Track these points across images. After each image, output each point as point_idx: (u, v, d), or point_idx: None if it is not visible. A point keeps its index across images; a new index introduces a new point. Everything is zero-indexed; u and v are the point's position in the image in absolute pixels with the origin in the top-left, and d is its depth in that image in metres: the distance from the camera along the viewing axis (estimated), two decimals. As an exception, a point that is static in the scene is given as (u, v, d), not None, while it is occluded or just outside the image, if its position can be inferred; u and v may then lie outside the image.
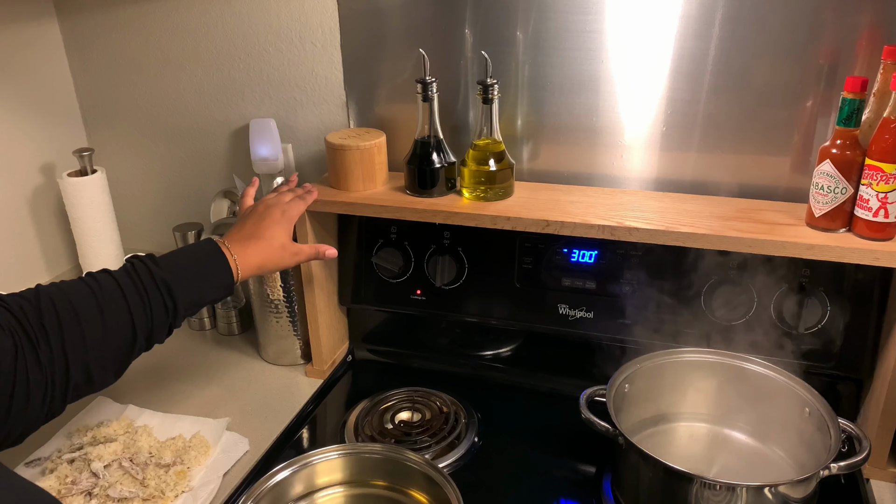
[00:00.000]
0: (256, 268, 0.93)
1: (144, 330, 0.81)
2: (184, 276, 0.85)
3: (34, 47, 1.29)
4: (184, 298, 0.84)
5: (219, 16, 1.21)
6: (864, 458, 0.79)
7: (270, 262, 0.95)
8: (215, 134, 1.31)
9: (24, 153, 1.31)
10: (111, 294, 0.79)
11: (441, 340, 1.21)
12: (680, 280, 0.99)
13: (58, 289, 0.78)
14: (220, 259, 0.89)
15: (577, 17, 1.02)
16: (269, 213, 0.97)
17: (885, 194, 0.85)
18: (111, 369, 0.80)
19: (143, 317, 0.80)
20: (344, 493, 0.90)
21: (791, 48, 0.96)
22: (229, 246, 0.91)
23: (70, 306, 0.76)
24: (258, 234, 0.94)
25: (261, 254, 0.93)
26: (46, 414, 0.75)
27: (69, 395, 0.76)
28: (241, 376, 1.19)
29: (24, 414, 0.72)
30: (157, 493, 0.90)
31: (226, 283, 0.90)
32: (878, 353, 0.95)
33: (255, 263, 0.92)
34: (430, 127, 1.04)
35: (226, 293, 0.91)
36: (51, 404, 0.74)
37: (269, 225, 0.95)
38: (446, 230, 1.10)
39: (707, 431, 0.98)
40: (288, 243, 0.97)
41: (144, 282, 0.81)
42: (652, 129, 1.05)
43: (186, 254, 0.90)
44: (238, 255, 0.90)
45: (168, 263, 0.85)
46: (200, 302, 0.88)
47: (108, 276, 0.81)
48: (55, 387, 0.74)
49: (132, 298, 0.80)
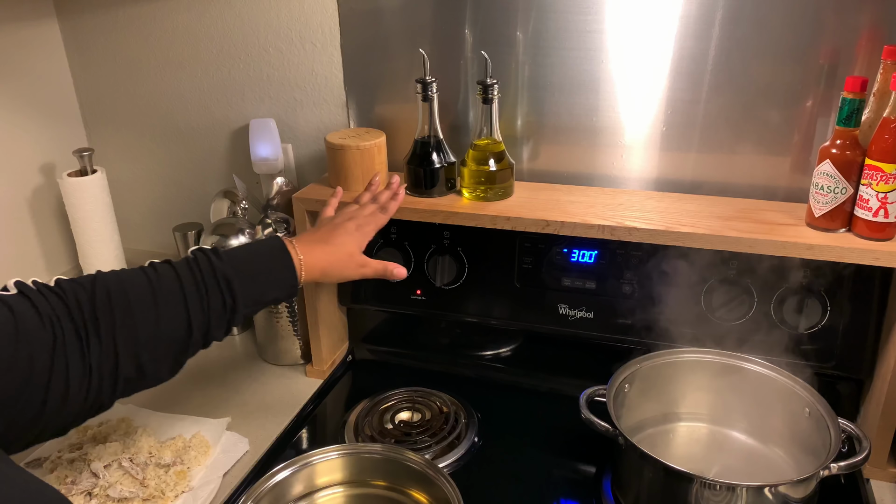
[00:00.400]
0: (321, 271, 0.90)
1: (201, 326, 0.78)
2: (246, 271, 0.82)
3: (34, 47, 1.29)
4: (244, 295, 0.81)
5: (219, 16, 1.21)
6: (864, 458, 0.79)
7: (335, 269, 0.92)
8: (215, 134, 1.31)
9: (24, 153, 1.31)
10: (169, 286, 0.77)
11: (441, 340, 1.21)
12: (680, 280, 0.99)
13: (116, 277, 0.76)
14: (285, 257, 0.86)
15: (577, 17, 1.02)
16: (344, 224, 0.95)
17: (884, 194, 0.84)
18: (165, 364, 0.78)
19: (199, 312, 0.78)
20: (344, 493, 0.90)
21: (791, 48, 0.96)
22: (297, 246, 0.88)
23: (125, 296, 0.74)
24: (328, 240, 0.92)
25: (327, 258, 0.90)
26: (92, 407, 0.73)
27: (119, 388, 0.74)
28: (241, 376, 1.19)
29: (63, 407, 0.69)
30: (157, 493, 0.90)
31: (289, 282, 0.86)
32: (878, 353, 0.95)
33: (320, 266, 0.89)
34: (430, 127, 1.04)
35: (289, 293, 0.88)
36: (97, 397, 0.72)
37: (342, 234, 0.93)
38: (446, 230, 1.10)
39: (707, 431, 0.98)
40: (356, 253, 0.94)
41: (205, 275, 0.79)
42: (652, 129, 1.05)
43: (251, 249, 0.87)
44: (304, 255, 0.87)
45: (231, 257, 0.82)
46: (262, 300, 0.85)
47: (169, 267, 0.79)
48: (102, 379, 0.72)
49: (190, 291, 0.78)
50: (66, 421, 0.72)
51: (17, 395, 0.66)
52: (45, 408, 0.68)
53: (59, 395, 0.69)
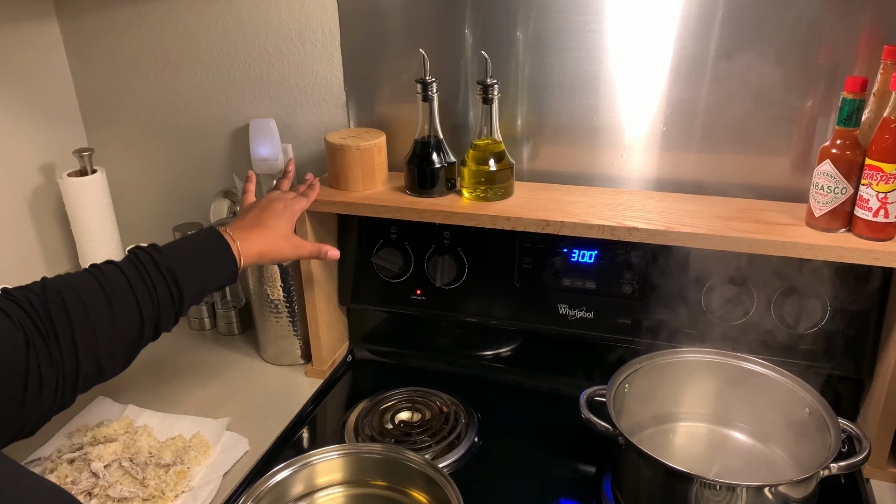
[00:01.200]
0: (258, 255, 0.93)
1: (152, 320, 0.81)
2: (188, 264, 0.85)
3: (34, 47, 1.29)
4: (189, 287, 0.84)
5: (219, 16, 1.21)
6: (864, 458, 0.79)
7: (272, 251, 0.95)
8: (215, 134, 1.31)
9: (24, 153, 1.31)
10: (118, 285, 0.79)
11: (441, 340, 1.21)
12: (680, 280, 0.99)
13: (64, 281, 0.78)
14: (223, 246, 0.89)
15: (577, 17, 1.02)
16: (272, 205, 0.98)
17: (885, 194, 0.84)
18: (120, 360, 0.80)
19: (150, 307, 0.81)
20: (344, 493, 0.90)
21: (791, 48, 0.95)
22: (231, 233, 0.91)
23: (78, 298, 0.77)
24: (260, 223, 0.95)
25: (262, 241, 0.93)
26: (58, 406, 0.75)
27: (79, 386, 0.76)
28: (241, 376, 1.19)
29: (38, 405, 0.72)
30: (157, 493, 0.90)
31: (230, 269, 0.90)
32: (878, 353, 0.95)
33: (256, 250, 0.92)
34: (430, 127, 1.04)
35: (230, 280, 0.91)
36: (62, 397, 0.75)
37: (272, 216, 0.96)
38: (446, 230, 1.10)
39: (707, 431, 0.98)
40: (290, 234, 0.98)
41: (150, 272, 0.82)
42: (652, 129, 1.05)
43: (189, 242, 0.90)
44: (240, 241, 0.91)
45: (171, 252, 0.85)
46: (206, 289, 0.88)
47: (114, 267, 0.81)
48: (65, 379, 0.74)
49: (139, 289, 0.80)
50: (38, 419, 0.74)
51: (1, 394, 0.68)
52: (24, 406, 0.70)
53: (35, 395, 0.71)
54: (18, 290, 0.76)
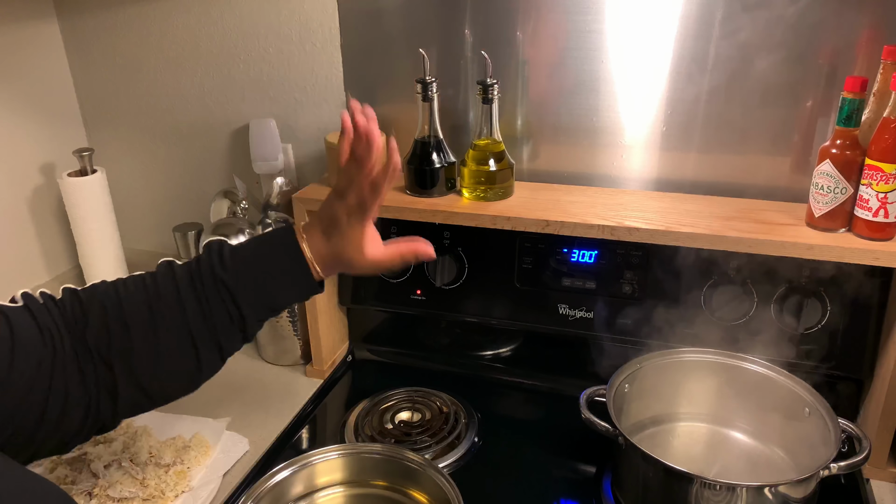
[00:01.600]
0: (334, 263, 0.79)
1: (207, 341, 0.73)
2: (250, 278, 0.74)
3: (34, 47, 1.29)
4: (250, 304, 0.74)
5: (219, 16, 1.21)
6: (864, 458, 0.79)
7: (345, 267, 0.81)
8: (215, 134, 1.31)
9: (24, 153, 1.31)
10: (168, 301, 0.72)
11: (441, 340, 1.21)
12: (680, 280, 0.99)
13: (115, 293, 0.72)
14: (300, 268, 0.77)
15: (577, 17, 1.02)
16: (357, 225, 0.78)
17: (884, 194, 0.84)
18: (173, 384, 0.74)
19: (203, 328, 0.72)
20: (344, 493, 0.90)
21: (791, 48, 0.96)
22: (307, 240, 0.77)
23: (120, 314, 0.71)
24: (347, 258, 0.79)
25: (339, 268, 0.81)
26: (93, 426, 0.71)
27: (120, 408, 0.71)
28: (241, 376, 1.19)
29: (61, 424, 0.68)
30: (157, 493, 0.90)
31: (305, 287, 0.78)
32: (878, 353, 0.95)
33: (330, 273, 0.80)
34: (430, 127, 1.04)
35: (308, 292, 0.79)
36: (96, 416, 0.70)
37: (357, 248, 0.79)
38: (446, 230, 1.10)
39: (707, 431, 0.98)
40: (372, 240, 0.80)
41: (206, 287, 0.72)
42: (652, 129, 1.05)
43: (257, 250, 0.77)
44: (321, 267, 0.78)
45: (235, 261, 0.74)
46: (274, 307, 0.78)
47: (170, 280, 0.73)
48: (101, 399, 0.70)
49: (190, 307, 0.72)
50: (65, 438, 0.70)
51: (14, 410, 0.64)
52: (42, 424, 0.66)
53: (57, 412, 0.67)
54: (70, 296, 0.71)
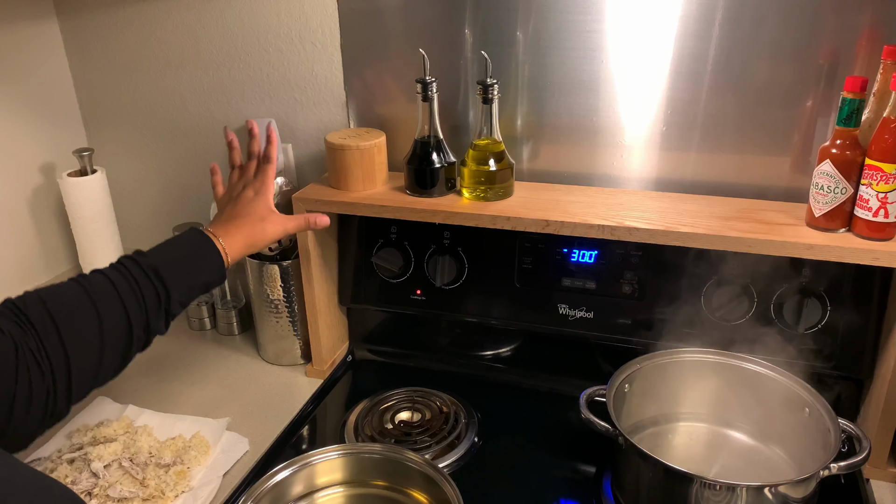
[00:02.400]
0: (244, 246, 0.93)
1: (140, 321, 0.81)
2: (172, 262, 0.85)
3: (34, 47, 1.29)
4: (175, 283, 0.84)
5: (219, 16, 1.21)
6: (864, 458, 0.79)
7: (257, 237, 0.95)
8: (215, 134, 1.31)
9: (24, 153, 1.31)
10: (102, 288, 0.79)
11: (441, 340, 1.21)
12: (680, 280, 0.99)
13: (46, 290, 0.78)
14: (206, 242, 0.89)
15: (577, 17, 1.02)
16: (242, 195, 0.98)
17: (884, 194, 0.85)
18: (112, 365, 0.80)
19: (136, 307, 0.80)
20: (344, 493, 0.90)
21: (791, 48, 0.96)
22: (212, 230, 0.91)
23: (62, 304, 0.76)
24: (236, 215, 0.95)
25: (243, 230, 0.93)
26: (50, 416, 0.74)
27: (73, 393, 0.76)
28: (241, 376, 1.19)
29: (27, 418, 0.71)
30: (157, 493, 0.90)
31: (216, 264, 0.89)
32: (878, 353, 0.95)
33: (240, 243, 0.92)
34: (430, 127, 1.04)
35: (219, 276, 0.90)
36: (53, 406, 0.74)
37: (245, 205, 0.96)
38: (446, 230, 1.10)
39: (707, 431, 0.98)
40: (269, 215, 0.97)
41: (133, 273, 0.81)
42: (652, 129, 1.05)
43: (171, 242, 0.90)
44: (222, 237, 0.91)
45: (155, 253, 0.86)
46: (194, 286, 0.87)
47: (97, 273, 0.82)
48: (56, 385, 0.73)
49: (123, 289, 0.80)
50: (28, 431, 0.73)
51: None
52: (12, 417, 0.69)
53: (24, 403, 0.70)
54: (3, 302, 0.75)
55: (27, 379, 0.71)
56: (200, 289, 0.89)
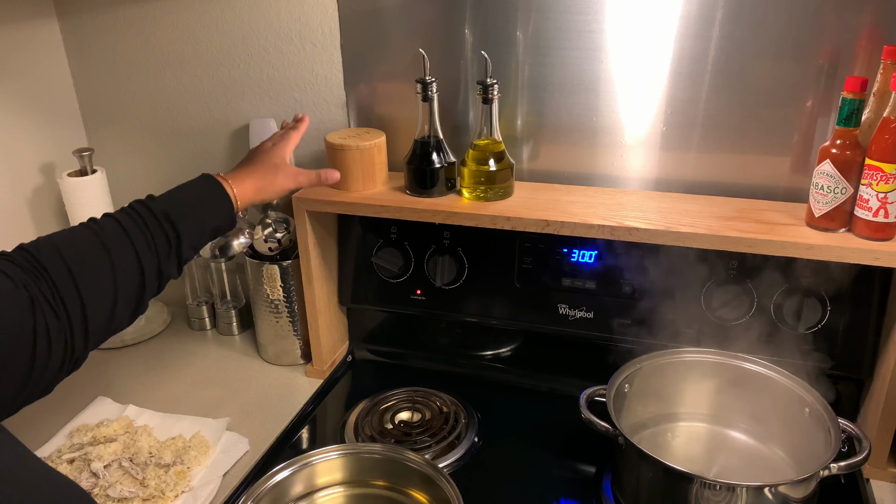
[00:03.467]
0: (254, 190, 0.94)
1: (151, 265, 0.81)
2: (181, 206, 0.86)
3: (34, 47, 1.29)
4: (185, 227, 0.85)
5: (219, 16, 1.21)
6: (864, 458, 0.79)
7: (267, 184, 0.96)
8: (215, 134, 1.31)
9: (24, 153, 1.31)
10: (113, 233, 0.80)
11: (441, 340, 1.21)
12: (680, 280, 0.99)
13: (59, 236, 0.79)
14: (215, 186, 0.91)
15: (577, 17, 1.02)
16: (261, 145, 1.00)
17: (884, 194, 0.85)
18: (127, 309, 0.80)
19: (147, 251, 0.81)
20: (344, 493, 0.90)
21: (791, 48, 0.96)
22: (223, 175, 0.93)
23: (74, 250, 0.77)
24: (251, 162, 0.97)
25: (254, 174, 0.95)
26: (71, 361, 0.75)
27: (90, 339, 0.76)
28: (241, 376, 1.19)
29: (48, 363, 0.72)
30: (157, 493, 0.90)
31: (225, 208, 0.90)
32: (878, 353, 0.95)
33: (251, 187, 0.93)
34: (430, 127, 1.04)
35: (228, 220, 0.91)
36: (72, 352, 0.75)
37: (260, 153, 0.98)
38: (446, 230, 1.10)
39: (707, 431, 0.98)
40: (282, 164, 0.98)
41: (144, 216, 0.83)
42: (652, 129, 1.05)
43: (181, 187, 0.91)
44: (233, 181, 0.92)
45: (165, 197, 0.87)
46: (203, 229, 0.88)
47: (108, 218, 0.82)
48: (74, 332, 0.74)
49: (134, 234, 0.81)
50: (51, 377, 0.74)
51: (8, 356, 0.68)
52: (34, 366, 0.70)
53: (44, 352, 0.71)
54: (15, 251, 0.76)
55: (45, 328, 0.71)
56: (211, 233, 0.90)
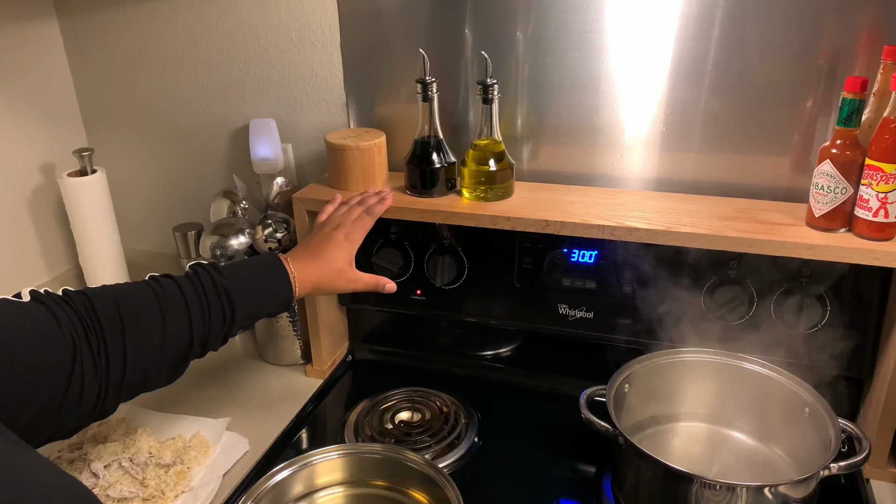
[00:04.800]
0: (313, 287, 0.93)
1: (201, 336, 0.82)
2: (244, 286, 0.86)
3: (34, 47, 1.29)
4: (242, 308, 0.84)
5: (219, 16, 1.21)
6: (864, 458, 0.79)
7: (327, 284, 0.95)
8: (215, 134, 1.31)
9: (24, 153, 1.31)
10: (173, 297, 0.80)
11: (441, 340, 1.21)
12: (680, 280, 0.99)
13: (122, 288, 0.80)
14: (281, 273, 0.90)
15: (577, 17, 1.02)
16: (333, 236, 0.96)
17: (885, 194, 0.85)
18: (165, 373, 0.81)
19: (201, 323, 0.81)
20: (344, 493, 0.90)
21: (791, 48, 0.96)
22: (290, 262, 0.91)
23: (132, 306, 0.77)
24: (319, 256, 0.94)
25: (317, 274, 0.93)
26: (99, 412, 0.76)
27: (122, 394, 0.77)
28: (241, 376, 1.19)
29: (77, 410, 0.72)
30: (157, 493, 0.90)
31: (284, 297, 0.90)
32: (878, 353, 0.95)
33: (311, 282, 0.92)
34: (430, 127, 1.04)
35: (283, 308, 0.92)
36: (104, 403, 0.75)
37: (331, 248, 0.95)
38: (446, 230, 1.10)
39: (707, 431, 0.98)
40: (346, 268, 0.96)
41: (206, 289, 0.82)
42: (652, 129, 1.05)
43: (249, 265, 0.90)
44: (297, 272, 0.91)
45: (230, 273, 0.86)
46: (257, 314, 0.88)
47: (171, 281, 0.82)
48: (109, 386, 0.74)
49: (193, 304, 0.81)
50: (76, 424, 0.74)
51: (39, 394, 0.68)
52: (63, 409, 0.71)
53: (75, 399, 0.71)
54: (76, 295, 0.76)
55: (80, 379, 0.71)
56: (261, 317, 0.91)
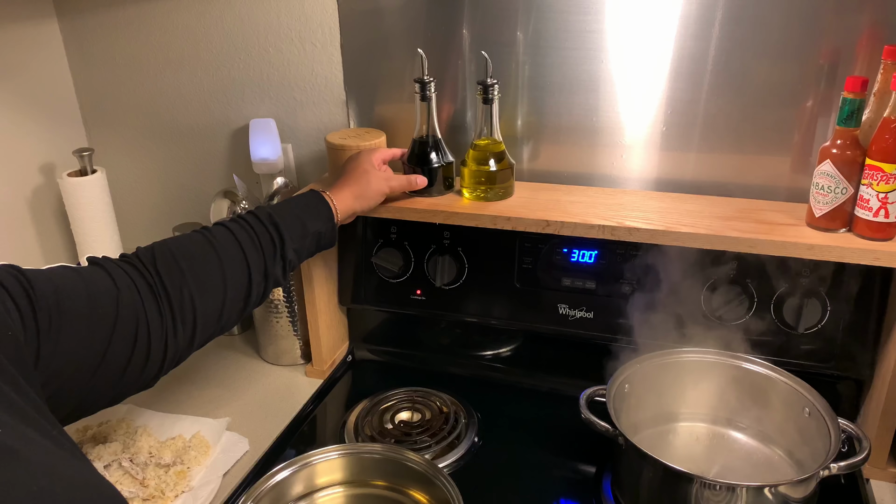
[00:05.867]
0: (353, 197, 0.98)
1: (258, 265, 0.86)
2: (283, 209, 0.92)
3: (34, 47, 1.29)
4: (288, 227, 0.90)
5: (219, 16, 1.21)
6: (864, 458, 0.79)
7: (362, 188, 0.99)
8: (215, 134, 1.31)
9: (24, 153, 1.31)
10: (222, 235, 0.86)
11: (441, 340, 1.21)
12: (680, 280, 0.99)
13: (174, 240, 0.84)
14: (314, 195, 0.96)
15: (577, 17, 1.02)
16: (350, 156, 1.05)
17: (885, 194, 0.85)
18: (235, 308, 0.85)
19: (253, 250, 0.86)
20: (344, 493, 0.90)
21: (791, 48, 0.96)
22: (322, 187, 0.98)
23: (187, 250, 0.82)
24: (343, 171, 1.02)
25: (349, 183, 0.99)
26: (173, 359, 0.80)
27: (197, 338, 0.81)
28: (241, 376, 1.19)
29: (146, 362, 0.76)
30: (157, 493, 0.90)
31: (325, 213, 0.95)
32: (878, 354, 0.95)
33: (348, 194, 0.98)
34: (429, 127, 1.04)
35: (328, 225, 0.95)
36: (175, 349, 0.79)
37: (349, 161, 1.04)
38: (446, 230, 1.10)
39: (707, 431, 0.98)
40: (373, 169, 1.01)
41: (249, 220, 0.89)
42: (652, 129, 1.05)
43: (287, 200, 0.97)
44: (331, 192, 0.97)
45: (269, 206, 0.94)
46: (305, 231, 0.92)
47: (218, 225, 0.88)
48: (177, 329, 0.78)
49: (241, 235, 0.86)
50: (150, 374, 0.78)
51: (106, 348, 0.72)
52: (130, 363, 0.74)
53: (144, 350, 0.75)
54: (134, 253, 0.82)
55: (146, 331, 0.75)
56: (312, 237, 0.94)
